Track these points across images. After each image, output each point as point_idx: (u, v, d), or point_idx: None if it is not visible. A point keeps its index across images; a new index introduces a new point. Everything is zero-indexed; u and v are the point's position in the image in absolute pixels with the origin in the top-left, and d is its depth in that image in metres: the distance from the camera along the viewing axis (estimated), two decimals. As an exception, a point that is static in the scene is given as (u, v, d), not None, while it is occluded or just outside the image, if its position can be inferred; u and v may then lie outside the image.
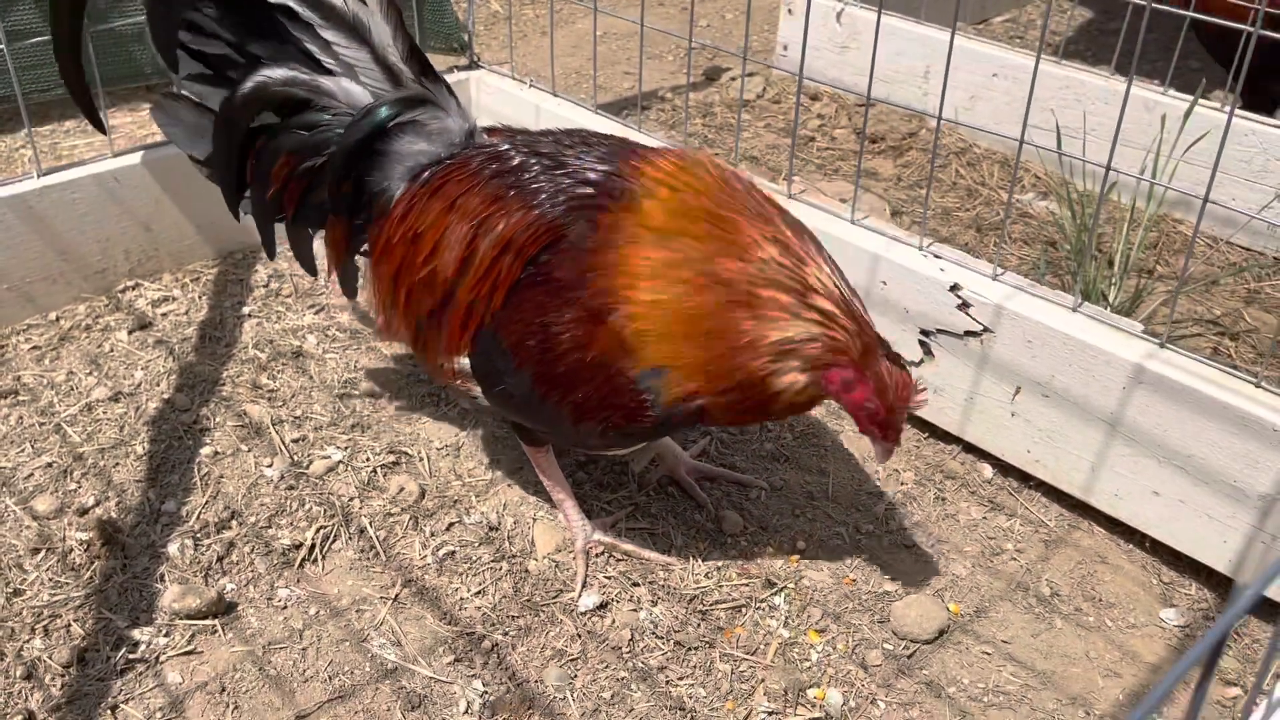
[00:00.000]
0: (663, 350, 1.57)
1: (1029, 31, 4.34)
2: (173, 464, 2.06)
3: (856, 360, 1.56)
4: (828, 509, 2.07)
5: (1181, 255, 2.85)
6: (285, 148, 1.80)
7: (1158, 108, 2.85)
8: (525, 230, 1.63)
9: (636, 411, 1.61)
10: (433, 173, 1.75)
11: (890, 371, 1.57)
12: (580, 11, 4.46)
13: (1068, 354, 1.95)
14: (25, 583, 1.80)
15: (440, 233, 1.70)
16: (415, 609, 1.81)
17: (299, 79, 1.74)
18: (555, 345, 1.61)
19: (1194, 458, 1.85)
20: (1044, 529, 2.05)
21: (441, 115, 1.77)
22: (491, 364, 1.71)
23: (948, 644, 1.81)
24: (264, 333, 2.43)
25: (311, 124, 1.78)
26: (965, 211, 3.02)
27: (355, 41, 1.73)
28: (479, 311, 1.68)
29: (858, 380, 1.57)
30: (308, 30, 1.74)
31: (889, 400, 1.57)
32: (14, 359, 2.30)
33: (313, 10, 1.72)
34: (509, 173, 1.69)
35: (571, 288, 1.59)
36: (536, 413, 1.72)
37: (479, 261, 1.66)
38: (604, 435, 1.68)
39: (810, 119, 3.49)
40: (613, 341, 1.58)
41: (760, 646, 1.78)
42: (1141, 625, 1.87)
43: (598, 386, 1.61)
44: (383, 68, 1.75)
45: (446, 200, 1.71)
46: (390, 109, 1.74)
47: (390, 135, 1.75)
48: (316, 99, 1.76)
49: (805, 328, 1.54)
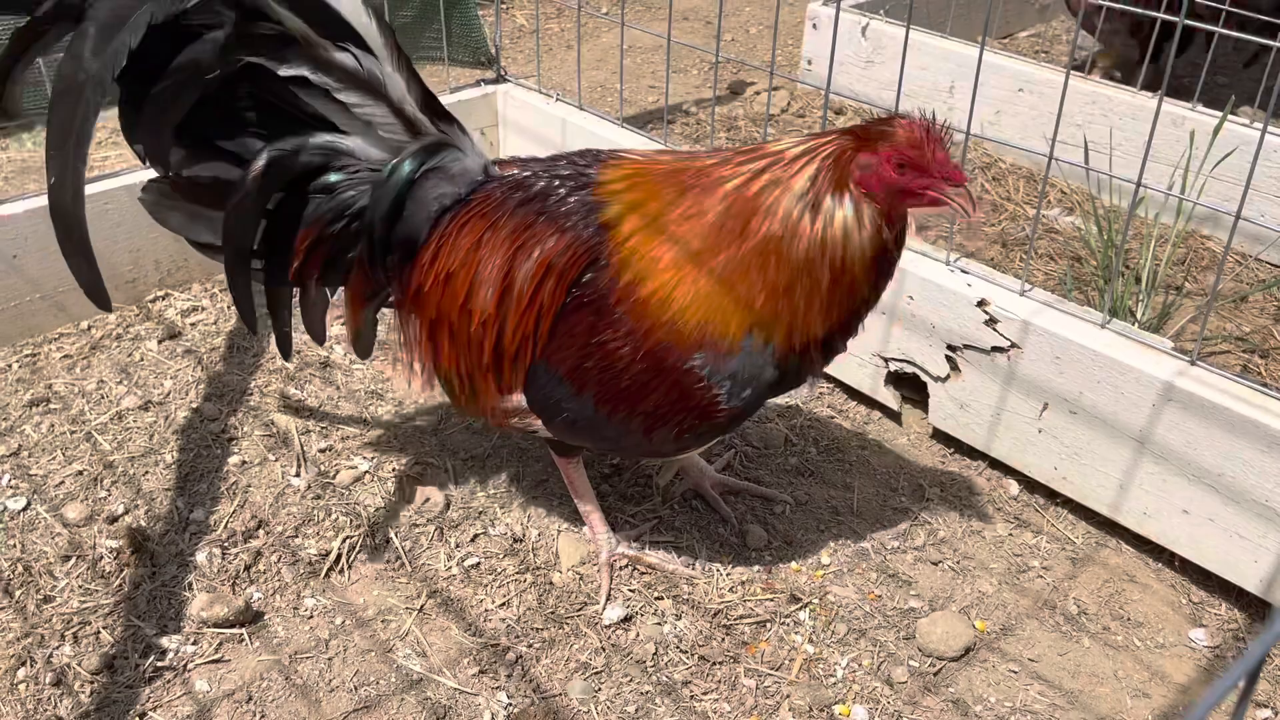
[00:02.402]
0: (742, 319, 1.51)
1: (1054, 46, 4.33)
2: (201, 473, 2.08)
3: (859, 146, 1.47)
4: (853, 524, 2.06)
5: (1208, 271, 2.83)
6: (308, 218, 1.70)
7: (1186, 123, 2.84)
8: (563, 254, 1.60)
9: (709, 408, 1.57)
10: (455, 213, 1.71)
11: (898, 121, 1.47)
12: (605, 25, 4.49)
13: (1096, 371, 1.94)
14: (56, 589, 1.81)
15: (473, 270, 1.66)
16: (440, 620, 1.82)
17: (310, 144, 1.66)
18: (615, 362, 1.58)
19: (1224, 476, 1.83)
20: (1071, 546, 2.04)
21: (460, 156, 1.73)
22: (549, 395, 1.67)
23: (974, 662, 1.80)
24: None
25: (330, 187, 1.70)
26: (991, 226, 3.01)
27: (371, 98, 1.66)
28: (528, 345, 1.64)
29: (875, 154, 1.46)
30: (322, 96, 1.64)
31: (916, 136, 1.45)
32: (46, 367, 2.33)
33: (326, 75, 1.62)
34: (535, 199, 1.67)
35: (619, 300, 1.56)
36: (604, 432, 1.68)
37: (518, 292, 1.63)
38: (679, 439, 1.65)
39: (835, 133, 3.49)
40: (673, 340, 1.53)
41: (785, 662, 1.78)
42: (1170, 645, 1.85)
43: (666, 392, 1.57)
44: (402, 119, 1.68)
45: (474, 236, 1.67)
46: (414, 161, 1.68)
47: (414, 184, 1.70)
48: (334, 160, 1.69)
49: (803, 170, 1.47)
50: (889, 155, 1.45)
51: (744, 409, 1.59)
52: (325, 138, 1.67)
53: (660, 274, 1.54)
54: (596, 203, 1.62)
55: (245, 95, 1.64)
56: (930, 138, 1.44)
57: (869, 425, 2.33)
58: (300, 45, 1.59)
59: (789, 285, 1.49)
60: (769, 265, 1.49)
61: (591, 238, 1.60)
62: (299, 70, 1.60)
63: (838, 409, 2.37)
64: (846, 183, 1.47)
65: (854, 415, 2.36)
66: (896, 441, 2.29)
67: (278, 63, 1.58)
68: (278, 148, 1.64)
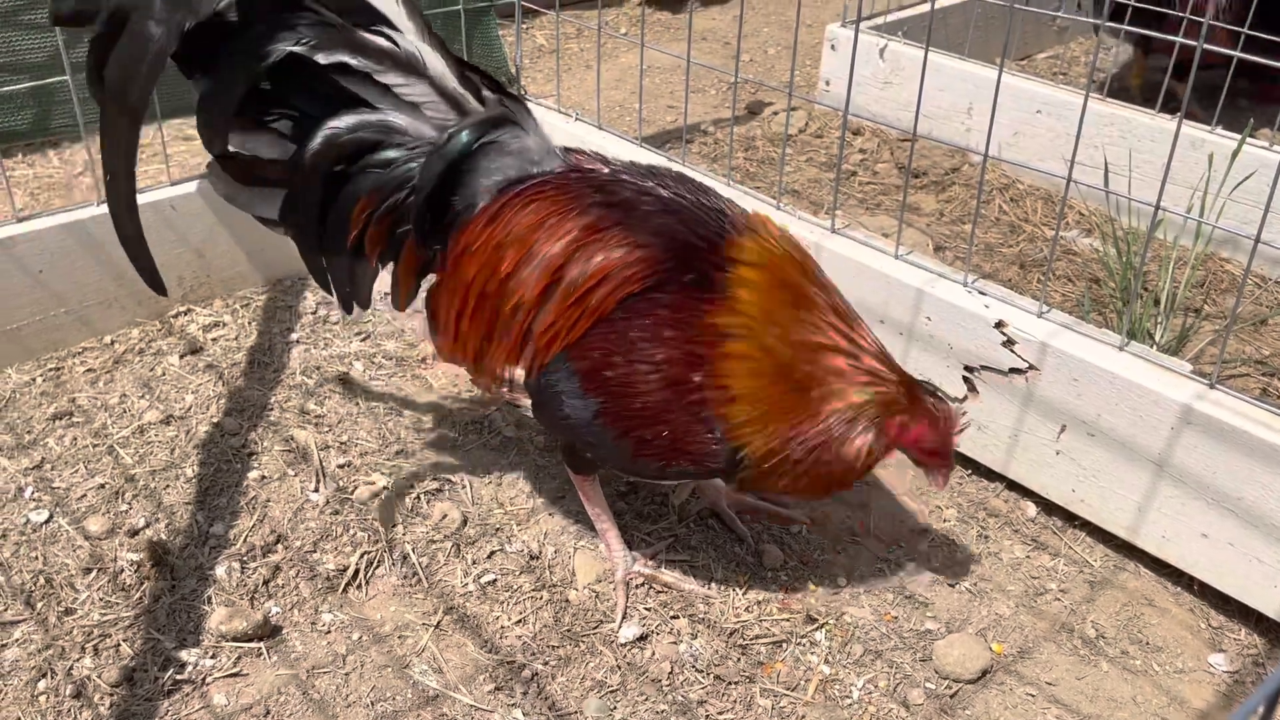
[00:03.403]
0: (748, 413, 1.64)
1: (1072, 68, 4.33)
2: (221, 487, 2.09)
3: (907, 406, 1.66)
4: (869, 545, 2.06)
5: (1227, 294, 2.82)
6: (364, 189, 1.74)
7: (1204, 146, 2.83)
8: (627, 267, 1.64)
9: (704, 458, 1.67)
10: (524, 186, 1.72)
11: (936, 407, 1.67)
12: (624, 45, 4.52)
13: (1114, 393, 1.94)
14: (77, 602, 1.83)
15: (526, 248, 1.68)
16: (457, 636, 1.83)
17: (367, 121, 1.71)
18: (637, 384, 1.64)
19: (1244, 500, 1.83)
20: (1089, 569, 2.03)
21: (521, 134, 1.75)
22: (553, 384, 1.71)
23: (991, 684, 1.79)
24: (311, 359, 2.47)
25: (388, 162, 1.73)
26: (1008, 248, 3.01)
27: (413, 77, 1.70)
28: (561, 335, 1.68)
29: (912, 422, 1.67)
30: (365, 79, 1.68)
31: (941, 431, 1.68)
32: (69, 381, 2.35)
33: (366, 58, 1.66)
34: (616, 205, 1.68)
35: (671, 335, 1.63)
36: (591, 438, 1.74)
37: (566, 286, 1.66)
38: (661, 471, 1.73)
39: (852, 154, 3.50)
40: (699, 395, 1.63)
41: (801, 683, 1.77)
42: (1190, 670, 1.84)
43: (671, 429, 1.65)
44: (445, 97, 1.72)
45: (537, 216, 1.69)
46: (472, 132, 1.71)
47: (473, 155, 1.72)
48: (388, 138, 1.73)
49: (863, 391, 1.64)
50: (921, 429, 1.67)
51: (728, 469, 1.70)
52: (376, 115, 1.71)
53: (740, 359, 1.63)
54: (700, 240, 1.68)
55: (294, 83, 1.70)
56: (953, 431, 1.70)
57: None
58: (337, 31, 1.64)
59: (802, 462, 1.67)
60: (803, 433, 1.65)
61: (667, 263, 1.65)
62: (338, 57, 1.64)
63: (854, 429, 2.37)
64: (882, 423, 1.67)
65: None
66: (913, 462, 2.28)
67: (316, 51, 1.63)
68: (332, 125, 1.69)
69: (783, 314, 1.64)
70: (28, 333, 2.38)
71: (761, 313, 1.64)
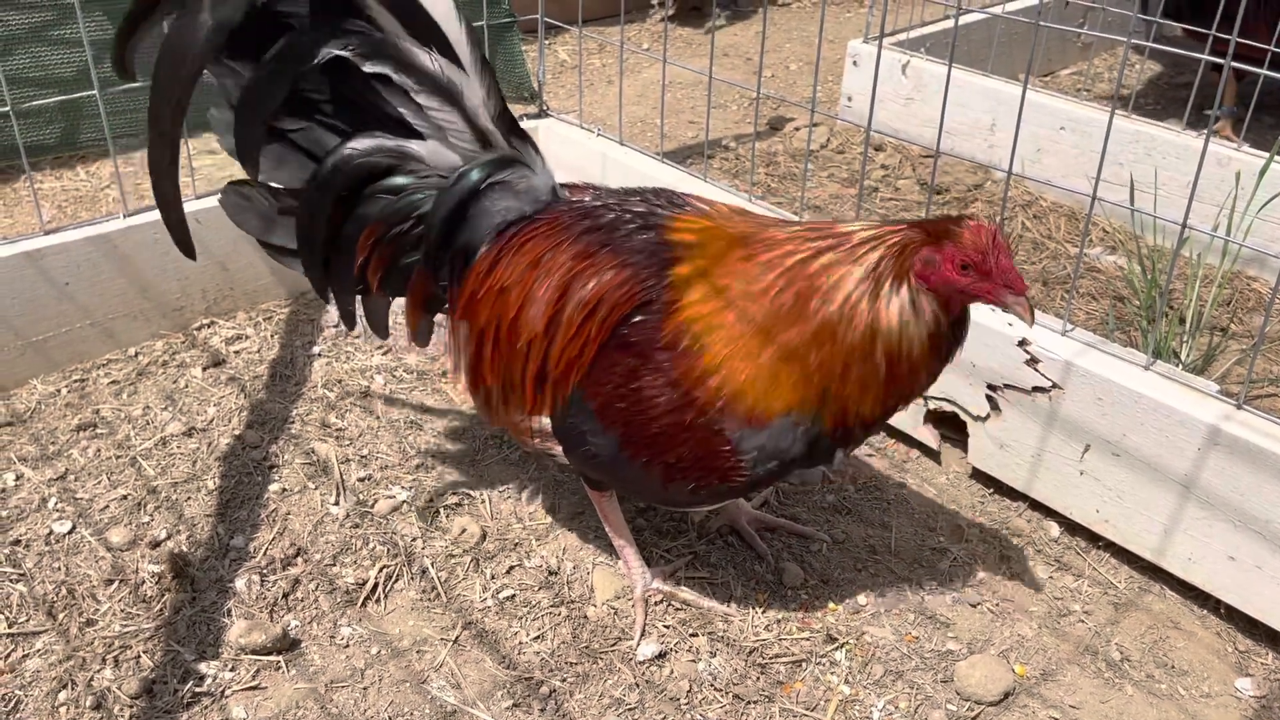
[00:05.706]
0: (787, 399, 1.54)
1: (1096, 84, 4.32)
2: (242, 499, 2.10)
3: (925, 241, 1.49)
4: (890, 564, 2.04)
5: (1254, 313, 2.79)
6: (372, 216, 1.76)
7: (1231, 163, 2.81)
8: (618, 289, 1.63)
9: (731, 472, 1.61)
10: (519, 229, 1.74)
11: (960, 225, 1.48)
12: (645, 61, 4.53)
13: (1140, 413, 1.91)
14: (98, 613, 1.84)
15: (528, 288, 1.69)
16: (475, 651, 1.82)
17: (384, 146, 1.71)
18: (649, 407, 1.60)
19: (1272, 522, 1.80)
20: (1113, 591, 2.01)
21: (529, 174, 1.77)
22: (576, 425, 1.69)
23: (1013, 707, 1.77)
24: (333, 372, 2.48)
25: (397, 189, 1.74)
26: (1032, 265, 2.99)
27: (448, 104, 1.70)
28: (572, 372, 1.66)
29: (940, 251, 1.48)
30: (401, 95, 1.69)
31: (978, 236, 1.47)
32: (94, 393, 2.37)
33: (407, 75, 1.67)
34: (602, 229, 1.69)
35: (666, 349, 1.58)
36: (622, 473, 1.71)
37: (567, 319, 1.65)
38: (694, 494, 1.67)
39: (874, 169, 3.49)
40: (712, 402, 1.56)
41: (820, 703, 1.76)
42: (1216, 694, 1.81)
43: (693, 448, 1.60)
44: (473, 129, 1.73)
45: (534, 255, 1.70)
46: (481, 171, 1.72)
47: (479, 195, 1.74)
48: (402, 164, 1.74)
49: (866, 256, 1.50)
50: (953, 255, 1.47)
51: (765, 478, 1.62)
52: (394, 141, 1.72)
53: (714, 338, 1.55)
54: (662, 246, 1.65)
55: (327, 90, 1.71)
56: (996, 244, 1.47)
57: (908, 464, 2.31)
58: (388, 42, 1.64)
59: (843, 371, 1.52)
60: (824, 349, 1.51)
61: (649, 279, 1.62)
62: (382, 68, 1.65)
63: (876, 447, 2.35)
64: (906, 274, 1.49)
65: (892, 454, 2.34)
66: (935, 481, 2.27)
67: (364, 59, 1.64)
68: (351, 148, 1.70)
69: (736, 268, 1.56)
70: (53, 344, 2.40)
71: (715, 288, 1.56)
